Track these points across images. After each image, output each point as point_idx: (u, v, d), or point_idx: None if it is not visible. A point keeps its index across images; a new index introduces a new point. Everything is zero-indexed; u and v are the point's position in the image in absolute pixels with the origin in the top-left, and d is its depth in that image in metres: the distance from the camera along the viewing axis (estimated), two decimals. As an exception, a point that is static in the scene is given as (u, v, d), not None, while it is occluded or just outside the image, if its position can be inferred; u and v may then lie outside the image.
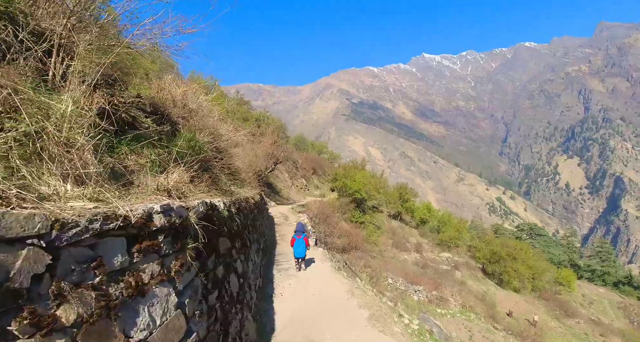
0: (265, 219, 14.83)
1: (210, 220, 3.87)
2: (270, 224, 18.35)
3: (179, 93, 5.10)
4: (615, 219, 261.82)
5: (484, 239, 44.38)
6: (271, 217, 19.97)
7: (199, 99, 5.75)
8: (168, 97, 4.83)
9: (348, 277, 11.41)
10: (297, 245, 11.46)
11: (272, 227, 17.91)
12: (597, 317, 47.60)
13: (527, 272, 38.74)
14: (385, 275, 17.96)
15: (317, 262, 13.34)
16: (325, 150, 59.73)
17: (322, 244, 16.88)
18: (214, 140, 5.64)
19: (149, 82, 5.26)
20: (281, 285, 10.37)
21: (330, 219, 21.18)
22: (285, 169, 35.73)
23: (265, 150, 21.94)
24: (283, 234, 16.91)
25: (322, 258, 13.79)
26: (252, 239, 8.23)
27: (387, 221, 41.74)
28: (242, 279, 5.94)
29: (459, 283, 30.03)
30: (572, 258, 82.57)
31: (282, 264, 12.48)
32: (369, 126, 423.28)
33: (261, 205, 13.68)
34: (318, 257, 13.90)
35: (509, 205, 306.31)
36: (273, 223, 19.05)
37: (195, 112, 5.27)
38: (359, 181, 32.74)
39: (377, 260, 25.37)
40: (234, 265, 5.27)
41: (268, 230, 15.84)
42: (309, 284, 10.80)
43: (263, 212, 14.16)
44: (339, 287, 10.79)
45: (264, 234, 12.46)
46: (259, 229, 10.19)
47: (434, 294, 18.18)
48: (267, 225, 15.62)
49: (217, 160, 5.79)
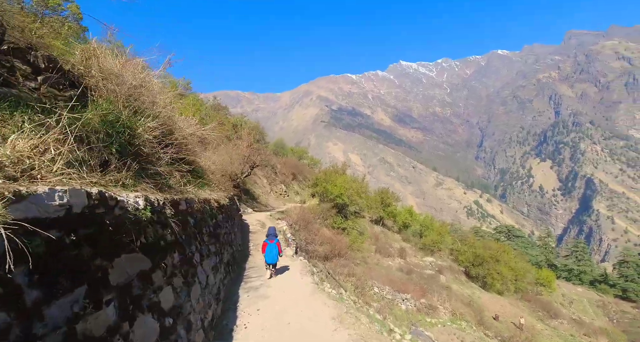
0: (235, 227, 13.31)
1: (93, 222, 2.45)
2: (244, 232, 17.01)
3: (116, 64, 3.99)
4: (588, 219, 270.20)
5: (467, 242, 44.05)
6: (246, 225, 18.68)
7: (144, 75, 4.61)
8: (93, 64, 3.70)
9: (333, 297, 9.75)
10: (270, 250, 10.48)
11: (246, 235, 16.50)
12: (578, 316, 47.92)
13: (510, 274, 38.51)
14: (371, 284, 16.95)
15: (296, 275, 11.42)
16: (305, 155, 58.62)
17: (302, 253, 15.71)
18: (161, 128, 4.50)
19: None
20: (247, 311, 7.98)
21: (311, 226, 20.08)
22: (264, 174, 34.47)
23: (240, 154, 20.74)
24: (258, 243, 14.89)
25: (302, 270, 11.97)
26: (207, 252, 6.46)
27: (369, 226, 40.88)
28: (170, 318, 3.78)
29: (445, 288, 29.33)
30: (549, 258, 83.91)
31: (253, 280, 10.41)
32: (349, 132, 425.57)
33: (231, 210, 12.37)
34: (297, 269, 12.07)
35: (486, 208, 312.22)
36: (247, 231, 17.64)
37: (136, 88, 4.14)
38: (340, 185, 31.78)
39: (360, 267, 24.37)
40: (151, 298, 3.36)
41: (240, 239, 14.39)
42: (285, 307, 8.52)
43: (233, 218, 12.72)
44: (323, 311, 8.61)
45: (232, 244, 10.73)
46: (223, 239, 8.76)
47: (423, 302, 17.29)
48: (238, 233, 14.19)
49: (165, 152, 4.64)
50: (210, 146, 16.42)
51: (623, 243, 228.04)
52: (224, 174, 19.37)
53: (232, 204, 12.91)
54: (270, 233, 10.92)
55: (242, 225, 17.70)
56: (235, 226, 12.54)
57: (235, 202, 14.90)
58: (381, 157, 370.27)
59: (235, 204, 15.25)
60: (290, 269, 12.07)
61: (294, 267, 12.36)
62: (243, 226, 17.94)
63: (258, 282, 10.33)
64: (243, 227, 17.59)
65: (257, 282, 10.33)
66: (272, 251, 10.46)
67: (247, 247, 14.52)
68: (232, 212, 12.45)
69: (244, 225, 18.21)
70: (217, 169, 13.09)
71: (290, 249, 14.26)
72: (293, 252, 13.93)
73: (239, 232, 13.79)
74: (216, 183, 10.00)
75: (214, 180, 9.71)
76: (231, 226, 10.89)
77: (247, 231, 17.65)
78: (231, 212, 11.78)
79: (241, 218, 18.35)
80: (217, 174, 11.34)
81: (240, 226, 16.38)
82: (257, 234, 17.38)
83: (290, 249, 14.44)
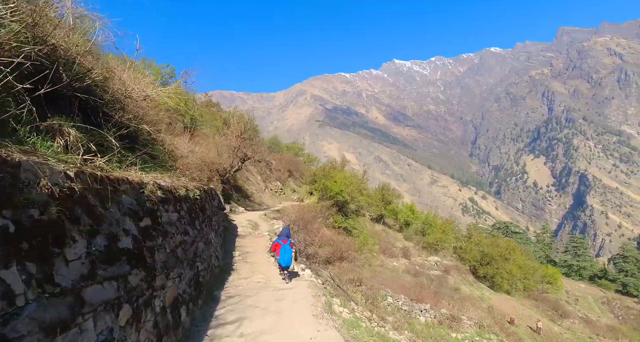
0: (211, 231, 9.56)
1: None
2: (229, 236, 13.98)
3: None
4: (582, 215, 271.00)
5: (473, 239, 42.00)
6: (233, 226, 15.93)
7: None
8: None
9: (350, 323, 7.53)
10: (284, 252, 9.10)
11: (231, 241, 13.44)
12: (584, 314, 46.17)
13: (519, 273, 36.60)
14: (384, 293, 14.72)
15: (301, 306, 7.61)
16: (301, 152, 56.24)
17: (303, 258, 13.44)
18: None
19: None
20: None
21: (310, 226, 17.81)
22: (258, 170, 32.05)
23: (229, 145, 18.38)
24: (247, 251, 12.36)
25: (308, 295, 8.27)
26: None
27: (369, 224, 38.70)
28: None
29: (454, 290, 27.24)
30: (548, 254, 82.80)
31: (229, 325, 6.30)
32: (344, 131, 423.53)
33: (206, 207, 9.33)
34: (302, 293, 8.45)
35: (481, 205, 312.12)
36: (234, 235, 14.63)
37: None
38: (340, 182, 29.54)
39: (365, 270, 22.18)
40: None
41: (218, 248, 10.61)
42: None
43: (210, 219, 9.56)
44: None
45: (199, 258, 7.16)
46: (180, 253, 5.60)
47: (444, 313, 15.10)
48: (215, 239, 10.10)
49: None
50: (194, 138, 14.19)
51: (617, 238, 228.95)
52: (210, 168, 17.08)
53: (208, 199, 9.93)
54: (283, 233, 9.78)
55: (227, 227, 14.85)
56: (210, 230, 9.15)
57: (216, 198, 12.48)
58: (376, 156, 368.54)
59: (216, 200, 12.62)
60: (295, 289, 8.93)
61: (298, 288, 9.04)
62: (229, 228, 15.12)
63: (234, 322, 6.42)
64: (228, 230, 14.71)
65: (232, 325, 6.30)
66: (287, 253, 9.12)
67: (231, 256, 11.51)
68: (208, 210, 9.61)
69: (230, 227, 15.45)
70: (198, 160, 10.85)
71: None
72: (293, 258, 11.68)
73: (216, 237, 10.14)
74: (186, 171, 7.82)
75: (184, 168, 7.54)
76: (200, 231, 7.65)
77: (233, 234, 14.70)
78: (205, 210, 9.00)
79: (226, 218, 15.83)
80: (194, 165, 9.15)
81: (223, 229, 13.24)
82: (247, 239, 14.41)
83: None
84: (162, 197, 4.85)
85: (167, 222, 5.11)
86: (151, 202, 4.43)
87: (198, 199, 7.61)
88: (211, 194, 11.20)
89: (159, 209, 4.75)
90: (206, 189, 10.03)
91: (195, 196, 7.15)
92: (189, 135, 11.64)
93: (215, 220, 10.64)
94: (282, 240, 9.22)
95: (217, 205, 12.19)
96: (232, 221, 16.21)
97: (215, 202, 11.83)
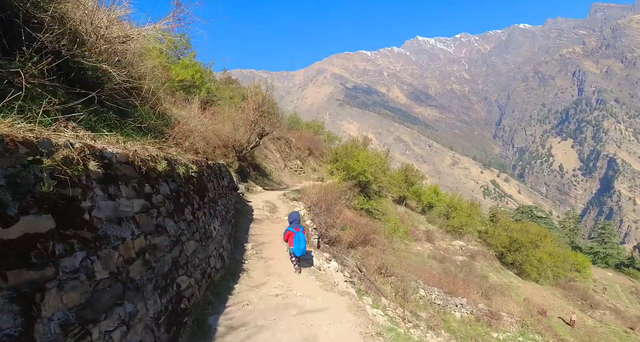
0: (221, 215, 8.45)
1: None
2: (241, 222, 11.75)
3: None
4: (608, 200, 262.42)
5: (501, 223, 40.05)
6: (248, 209, 13.81)
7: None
8: None
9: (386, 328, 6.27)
10: (298, 241, 8.19)
11: (244, 228, 11.26)
12: (612, 304, 44.18)
13: (549, 260, 34.71)
14: (415, 284, 13.36)
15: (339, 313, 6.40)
16: (321, 131, 54.50)
17: (325, 244, 12.13)
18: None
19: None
20: None
21: (333, 208, 16.48)
22: (277, 148, 30.71)
23: (246, 118, 16.95)
24: (262, 241, 10.25)
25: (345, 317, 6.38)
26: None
27: (391, 206, 37.23)
28: None
29: (482, 277, 25.79)
30: (573, 240, 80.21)
31: None
32: (364, 111, 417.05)
33: (215, 188, 8.12)
34: (336, 315, 6.44)
35: (503, 188, 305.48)
36: (248, 219, 12.43)
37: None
38: (363, 161, 27.97)
39: (389, 255, 20.90)
40: None
41: (226, 240, 8.79)
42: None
43: (215, 202, 7.90)
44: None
45: (186, 262, 5.17)
46: (143, 268, 3.74)
47: (481, 307, 13.68)
48: (222, 229, 8.34)
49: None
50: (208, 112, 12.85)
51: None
52: (226, 143, 15.79)
53: (214, 177, 8.24)
54: (294, 219, 8.72)
55: (241, 210, 13.01)
56: (212, 218, 7.27)
57: (226, 176, 10.59)
58: (396, 136, 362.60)
59: (227, 179, 10.61)
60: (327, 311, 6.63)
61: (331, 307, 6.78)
62: (243, 211, 13.13)
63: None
64: (242, 214, 12.80)
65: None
66: (302, 242, 8.20)
67: (242, 250, 9.44)
68: (212, 192, 7.75)
69: (244, 209, 13.44)
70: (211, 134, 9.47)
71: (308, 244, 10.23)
72: (315, 245, 10.32)
73: (223, 226, 8.45)
74: (185, 141, 6.37)
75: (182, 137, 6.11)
76: (191, 223, 5.64)
77: (247, 218, 12.65)
78: (207, 192, 7.12)
79: (240, 199, 14.22)
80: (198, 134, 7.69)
81: (234, 213, 11.45)
82: (264, 224, 12.29)
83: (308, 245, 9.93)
84: (104, 172, 3.00)
85: (110, 218, 3.11)
86: (72, 180, 2.56)
87: (194, 176, 5.80)
88: (219, 171, 9.36)
89: (87, 194, 2.80)
90: (211, 164, 8.19)
91: (190, 173, 5.40)
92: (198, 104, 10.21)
93: (222, 203, 8.92)
94: (295, 227, 8.33)
95: (227, 185, 10.40)
96: (247, 202, 14.76)
97: (224, 181, 10.06)
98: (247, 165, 19.46)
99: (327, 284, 8.13)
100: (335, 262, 8.64)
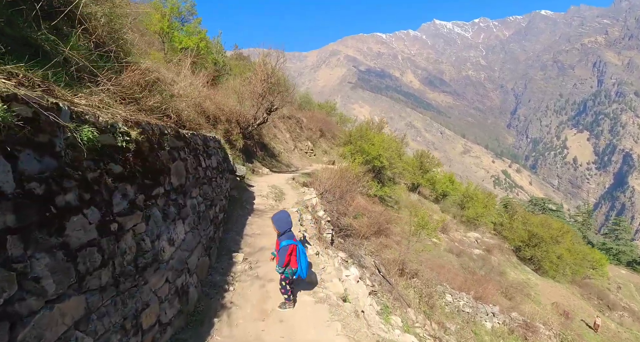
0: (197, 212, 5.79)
1: None
2: (236, 216, 9.18)
3: None
4: (621, 196, 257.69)
5: (519, 216, 38.12)
6: (248, 196, 11.12)
7: None
8: None
9: None
10: (304, 257, 5.41)
11: (237, 226, 8.56)
12: (626, 303, 42.50)
13: (569, 258, 32.92)
14: (442, 288, 11.68)
15: None
16: (333, 112, 52.30)
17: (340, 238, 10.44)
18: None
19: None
20: None
21: (346, 195, 14.78)
22: (287, 128, 28.83)
23: (253, 90, 15.01)
24: (261, 246, 7.54)
25: None
26: None
27: (405, 194, 35.45)
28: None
29: (499, 273, 24.14)
30: (586, 235, 78.19)
31: None
32: (376, 95, 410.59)
33: (195, 170, 5.77)
34: None
35: (514, 178, 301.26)
36: (246, 211, 9.75)
37: None
38: (379, 145, 26.08)
39: (404, 246, 19.28)
40: None
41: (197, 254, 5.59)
42: None
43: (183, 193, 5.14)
44: None
45: None
46: None
47: (514, 316, 11.97)
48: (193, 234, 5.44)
49: None
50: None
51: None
52: (229, 117, 13.96)
53: (190, 154, 5.57)
54: (285, 225, 5.51)
55: (237, 198, 10.25)
56: (170, 225, 4.49)
57: (215, 154, 7.81)
58: (408, 122, 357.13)
59: (216, 158, 7.77)
60: None
61: None
62: (239, 199, 10.34)
63: None
64: (238, 203, 10.01)
65: None
66: (305, 257, 5.51)
67: (228, 264, 6.59)
68: (188, 177, 5.32)
69: (242, 197, 10.66)
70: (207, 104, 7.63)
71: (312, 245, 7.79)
72: (329, 242, 8.50)
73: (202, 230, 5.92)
74: (150, 101, 4.49)
75: (149, 95, 4.26)
76: (119, 242, 3.24)
77: (245, 210, 9.86)
78: (170, 176, 4.58)
79: (239, 184, 11.53)
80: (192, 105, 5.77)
81: (226, 203, 8.84)
82: (265, 218, 9.15)
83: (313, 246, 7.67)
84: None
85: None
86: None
87: (132, 149, 3.31)
88: (202, 146, 6.64)
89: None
90: (186, 135, 5.42)
91: (120, 141, 3.06)
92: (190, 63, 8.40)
93: (202, 194, 6.12)
94: (293, 237, 5.54)
95: (215, 166, 7.49)
96: (249, 187, 12.32)
97: (212, 161, 7.22)
98: (254, 144, 17.72)
99: (352, 329, 5.24)
100: (355, 268, 6.68)
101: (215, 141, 8.37)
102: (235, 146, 13.56)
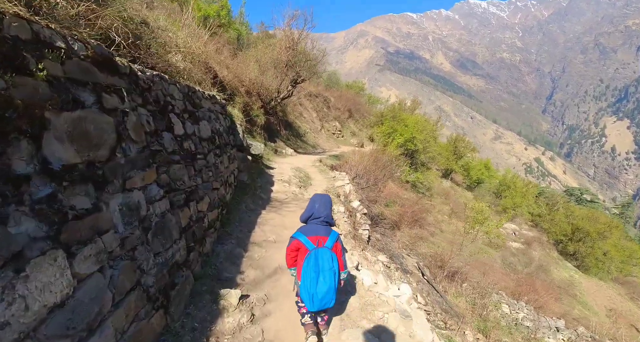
0: (151, 234, 3.01)
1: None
2: (245, 211, 6.51)
3: None
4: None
5: (560, 207, 35.36)
6: (266, 180, 8.91)
7: None
8: None
9: None
10: (314, 275, 2.99)
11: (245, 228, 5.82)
12: (666, 303, 39.32)
13: (617, 255, 30.23)
14: (497, 297, 9.87)
15: None
16: (362, 92, 49.84)
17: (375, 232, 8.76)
18: None
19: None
20: None
21: (380, 182, 13.03)
22: (314, 107, 26.97)
23: (277, 58, 13.15)
24: (273, 267, 4.65)
25: None
26: None
27: (437, 180, 33.26)
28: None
29: (543, 271, 22.00)
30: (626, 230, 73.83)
31: None
32: (404, 77, 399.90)
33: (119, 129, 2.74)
34: None
35: (548, 166, 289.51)
36: (259, 203, 7.17)
37: None
38: (412, 126, 23.99)
39: (439, 239, 17.48)
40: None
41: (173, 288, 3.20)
42: None
43: None
44: None
45: None
46: None
47: (581, 332, 10.10)
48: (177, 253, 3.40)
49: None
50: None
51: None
52: (249, 89, 12.22)
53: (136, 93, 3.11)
54: (306, 216, 3.37)
55: (249, 185, 7.74)
56: None
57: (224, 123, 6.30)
58: (437, 106, 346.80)
59: (213, 124, 5.51)
60: None
61: None
62: (250, 186, 7.77)
63: None
64: (250, 191, 7.54)
65: None
66: (326, 276, 2.94)
67: (207, 315, 3.47)
68: (133, 148, 2.86)
69: (255, 183, 8.18)
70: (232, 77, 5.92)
71: (356, 234, 6.15)
72: (365, 241, 6.80)
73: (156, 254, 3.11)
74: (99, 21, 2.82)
75: None
76: None
77: (259, 200, 7.31)
78: None
79: (254, 165, 9.13)
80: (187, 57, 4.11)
81: (232, 192, 6.67)
82: (284, 213, 6.85)
83: (351, 256, 5.43)
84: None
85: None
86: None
87: None
88: (184, 100, 4.35)
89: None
90: (137, 71, 3.13)
91: None
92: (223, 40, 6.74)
93: (162, 180, 3.38)
94: (311, 237, 3.18)
95: (208, 137, 5.12)
96: (268, 169, 10.04)
97: (200, 127, 4.78)
98: (277, 121, 16.04)
99: None
100: (406, 285, 4.77)
101: (215, 102, 5.91)
102: (255, 123, 11.94)
